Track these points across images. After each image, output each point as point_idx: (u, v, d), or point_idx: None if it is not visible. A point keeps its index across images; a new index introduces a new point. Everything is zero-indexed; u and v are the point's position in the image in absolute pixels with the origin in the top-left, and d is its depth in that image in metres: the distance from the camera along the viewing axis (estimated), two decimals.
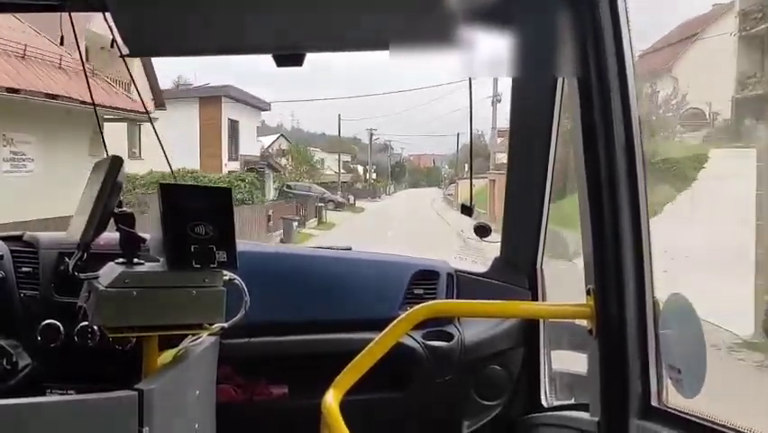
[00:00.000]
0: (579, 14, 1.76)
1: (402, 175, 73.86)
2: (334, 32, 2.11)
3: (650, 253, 1.77)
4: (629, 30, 1.77)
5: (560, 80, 2.37)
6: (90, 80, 2.34)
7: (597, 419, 1.88)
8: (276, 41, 2.17)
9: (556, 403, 2.51)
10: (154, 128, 2.63)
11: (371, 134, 55.22)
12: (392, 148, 71.23)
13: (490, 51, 1.81)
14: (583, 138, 1.83)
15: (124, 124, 16.65)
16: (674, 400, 1.72)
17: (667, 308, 1.76)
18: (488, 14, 1.77)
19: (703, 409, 1.61)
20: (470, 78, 2.13)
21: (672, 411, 1.69)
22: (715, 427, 1.52)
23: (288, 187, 30.58)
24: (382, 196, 52.71)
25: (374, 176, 57.11)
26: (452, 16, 1.76)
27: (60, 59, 13.50)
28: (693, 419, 1.60)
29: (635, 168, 1.75)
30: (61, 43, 2.11)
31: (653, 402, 1.75)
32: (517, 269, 2.69)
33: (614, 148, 1.76)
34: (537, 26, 1.80)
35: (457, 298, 2.72)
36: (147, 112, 6.72)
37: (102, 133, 2.41)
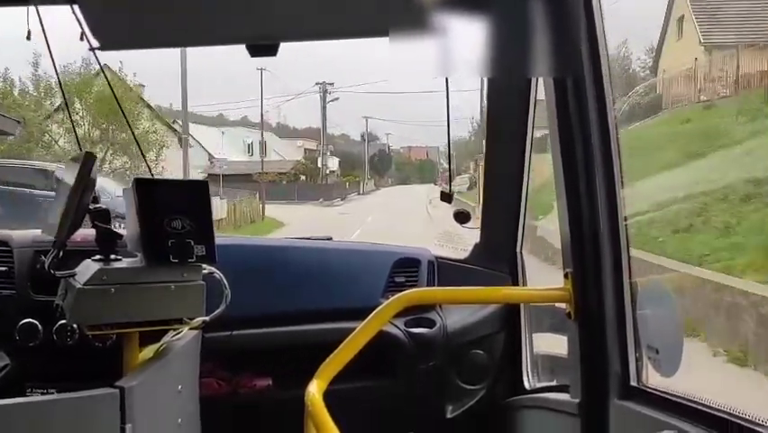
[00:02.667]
0: (554, 13, 1.77)
1: (386, 167, 58.97)
2: (311, 19, 2.09)
3: (626, 236, 1.79)
4: (604, 28, 1.78)
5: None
6: None
7: (577, 400, 1.90)
8: (252, 30, 2.15)
9: (538, 385, 2.54)
10: None
11: (325, 90, 37.77)
12: (376, 137, 57.99)
13: (465, 51, 1.81)
14: (559, 126, 1.84)
15: None
16: (653, 379, 1.75)
17: (644, 290, 1.78)
18: (464, 16, 1.77)
19: None
20: (446, 78, 2.13)
21: (652, 391, 1.72)
22: (694, 405, 1.55)
23: None
24: (349, 196, 37.81)
25: (334, 166, 43.87)
26: (429, 11, 1.76)
27: None
28: (672, 398, 1.62)
29: (610, 153, 1.77)
30: (27, 38, 2.06)
31: (633, 382, 1.77)
32: (497, 254, 2.71)
33: (590, 136, 1.78)
34: (514, 25, 1.81)
35: (438, 285, 2.73)
36: None
37: (75, 129, 2.37)
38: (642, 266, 2.30)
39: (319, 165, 40.42)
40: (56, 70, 2.26)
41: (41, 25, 2.09)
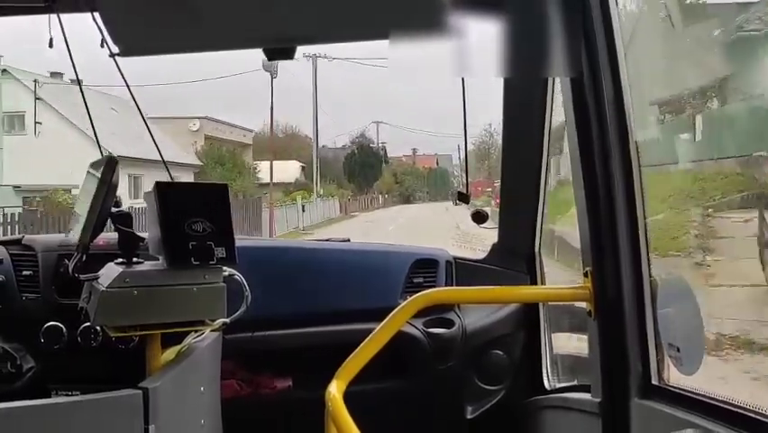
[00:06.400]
0: (571, 13, 1.77)
1: (372, 175, 38.16)
2: (327, 22, 2.11)
3: (645, 235, 1.78)
4: (620, 26, 1.78)
5: None
6: None
7: (598, 399, 1.89)
8: (268, 34, 2.17)
9: (558, 385, 2.53)
10: None
11: None
12: (369, 139, 39.95)
13: (483, 50, 1.81)
14: (577, 125, 1.84)
15: None
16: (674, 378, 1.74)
17: (664, 288, 1.77)
18: (480, 15, 1.77)
19: None
20: (462, 78, 2.13)
21: (673, 389, 1.71)
22: (716, 403, 1.54)
23: None
24: None
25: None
26: (444, 12, 1.77)
27: None
28: (694, 396, 1.61)
29: (628, 151, 1.77)
30: (50, 46, 2.10)
31: (654, 381, 1.76)
32: (515, 254, 2.71)
33: (607, 134, 1.78)
34: (530, 25, 1.81)
35: (456, 285, 2.73)
36: None
37: (96, 134, 2.41)
38: None
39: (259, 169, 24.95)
40: (77, 76, 2.29)
41: (63, 33, 2.13)
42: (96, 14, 2.02)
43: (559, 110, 2.36)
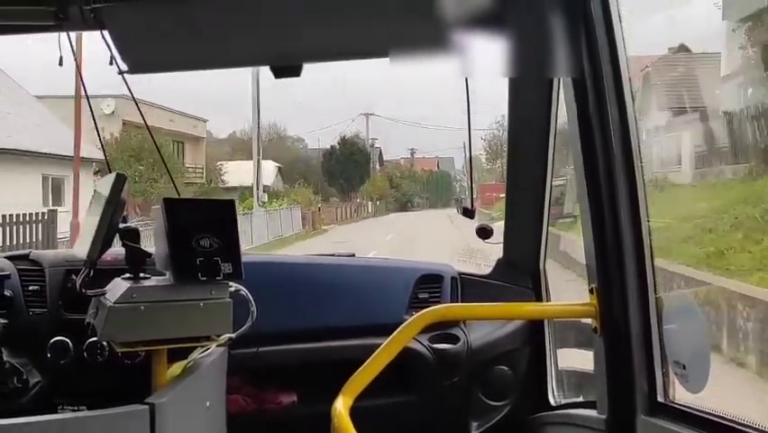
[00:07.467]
0: (572, 16, 1.79)
1: (356, 177, 32.49)
2: (332, 41, 2.13)
3: (651, 251, 1.78)
4: (622, 29, 1.79)
5: (556, 82, 2.38)
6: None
7: (604, 416, 1.89)
8: (274, 52, 2.19)
9: (564, 402, 2.53)
10: None
11: None
12: (358, 138, 34.17)
13: (486, 53, 1.83)
14: (581, 140, 1.85)
15: None
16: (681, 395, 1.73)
17: (670, 305, 1.78)
18: (483, 17, 1.79)
19: None
20: (466, 79, 2.15)
21: (679, 407, 1.70)
22: (722, 421, 1.54)
23: None
24: None
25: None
26: (448, 21, 1.79)
27: None
28: (700, 414, 1.61)
29: (632, 168, 1.77)
30: (60, 64, 2.13)
31: (660, 398, 1.76)
32: (520, 270, 2.71)
33: (611, 150, 1.79)
34: (532, 28, 1.83)
35: (461, 300, 2.74)
36: None
37: (105, 152, 2.44)
38: None
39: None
40: (86, 93, 2.32)
41: (72, 50, 2.16)
42: (105, 32, 2.05)
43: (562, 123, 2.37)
